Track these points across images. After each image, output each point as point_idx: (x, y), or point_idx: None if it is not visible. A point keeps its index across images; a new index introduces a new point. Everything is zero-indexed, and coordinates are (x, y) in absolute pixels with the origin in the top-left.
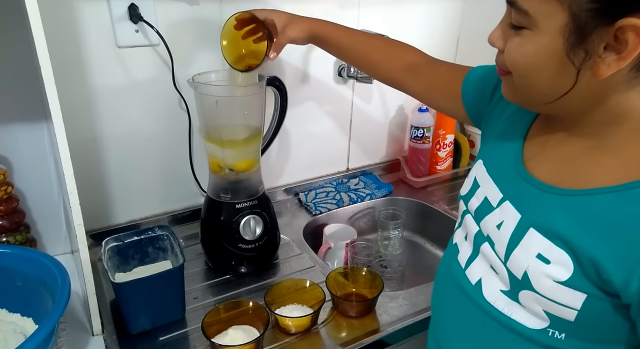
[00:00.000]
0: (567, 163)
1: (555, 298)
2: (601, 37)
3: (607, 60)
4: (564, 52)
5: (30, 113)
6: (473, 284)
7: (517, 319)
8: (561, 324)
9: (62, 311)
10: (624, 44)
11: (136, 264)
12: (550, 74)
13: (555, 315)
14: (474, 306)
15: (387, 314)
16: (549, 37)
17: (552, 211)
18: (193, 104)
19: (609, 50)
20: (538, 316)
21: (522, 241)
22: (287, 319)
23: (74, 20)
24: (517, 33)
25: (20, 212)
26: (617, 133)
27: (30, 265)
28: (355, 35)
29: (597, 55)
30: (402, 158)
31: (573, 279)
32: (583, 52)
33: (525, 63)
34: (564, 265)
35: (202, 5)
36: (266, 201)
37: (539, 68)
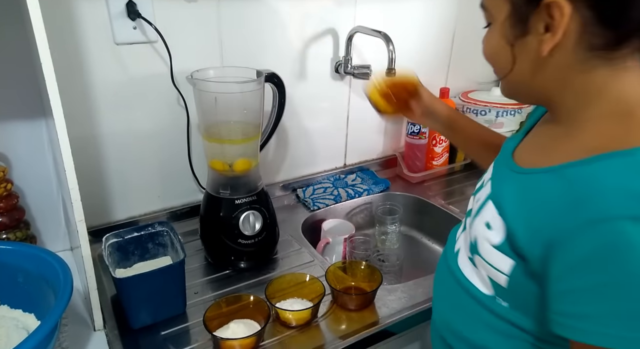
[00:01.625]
0: (539, 149)
1: (491, 261)
2: (539, 18)
3: (545, 37)
4: (512, 37)
5: (29, 110)
6: (454, 253)
7: (476, 284)
8: (502, 292)
9: (64, 306)
10: (554, 21)
11: (136, 260)
12: (510, 60)
13: (494, 280)
14: (449, 273)
15: (386, 307)
16: (501, 27)
17: (505, 185)
18: (191, 100)
19: (550, 29)
20: (485, 282)
21: (481, 211)
22: (287, 312)
23: (72, 17)
24: (488, 29)
25: (20, 209)
26: (585, 118)
27: (31, 261)
28: (464, 118)
29: (539, 36)
30: (399, 154)
31: (503, 245)
32: (521, 33)
33: (491, 53)
34: (498, 231)
35: (200, 2)
36: (265, 197)
37: (499, 56)
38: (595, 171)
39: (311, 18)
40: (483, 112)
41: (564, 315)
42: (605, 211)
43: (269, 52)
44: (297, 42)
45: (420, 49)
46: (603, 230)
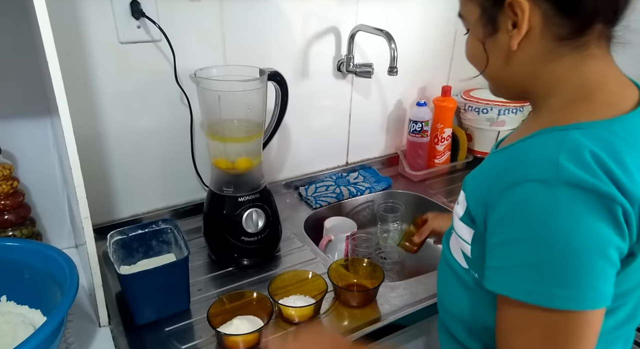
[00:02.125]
0: (513, 136)
1: (458, 231)
2: (506, 17)
3: (512, 33)
4: (489, 37)
5: (34, 109)
6: (449, 232)
7: (456, 258)
8: (470, 262)
9: (71, 302)
10: (519, 17)
11: (140, 257)
12: (487, 59)
13: (463, 251)
14: (443, 257)
15: (388, 304)
16: (475, 30)
17: (479, 167)
18: (195, 99)
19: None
20: (461, 255)
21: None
22: (290, 309)
23: (77, 16)
24: (468, 35)
25: (26, 207)
26: (551, 105)
27: (38, 258)
28: None
29: (508, 33)
30: (401, 152)
31: (464, 215)
32: (491, 31)
33: (470, 55)
34: (462, 205)
35: (203, 1)
36: (268, 195)
37: (477, 57)
38: (528, 143)
39: (313, 17)
40: (485, 110)
41: (487, 268)
42: (522, 175)
43: (272, 51)
44: (299, 41)
45: (422, 47)
46: (516, 191)
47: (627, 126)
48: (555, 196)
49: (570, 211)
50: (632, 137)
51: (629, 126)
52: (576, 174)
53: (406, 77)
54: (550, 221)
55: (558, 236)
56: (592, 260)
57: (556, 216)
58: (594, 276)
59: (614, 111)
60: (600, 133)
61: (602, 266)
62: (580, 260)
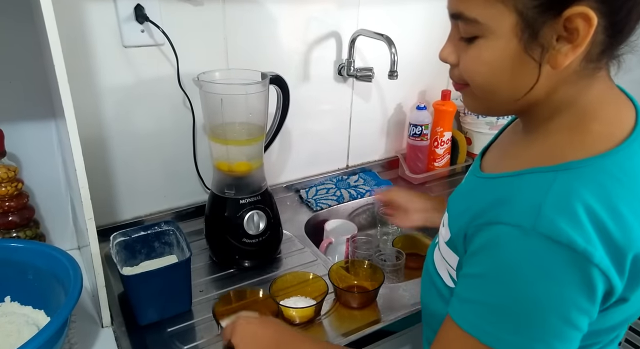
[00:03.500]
0: (501, 156)
1: (445, 256)
2: (552, 29)
3: (563, 50)
4: (520, 50)
5: (39, 112)
6: (433, 247)
7: (442, 276)
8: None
9: (74, 302)
10: (574, 33)
11: (143, 258)
12: (511, 75)
13: (449, 274)
14: (427, 266)
15: (388, 305)
16: (503, 40)
17: (467, 189)
18: (197, 102)
19: (562, 41)
20: (447, 274)
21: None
22: (291, 310)
23: (82, 20)
24: (471, 45)
25: (30, 208)
26: (548, 129)
27: (42, 259)
28: None
29: (552, 48)
30: (401, 155)
31: (449, 241)
32: (539, 47)
33: (486, 71)
34: (446, 229)
35: (206, 6)
36: (269, 197)
37: (499, 72)
38: (517, 183)
39: (315, 21)
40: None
41: (455, 296)
42: (501, 216)
43: (274, 55)
44: (300, 45)
45: (422, 51)
46: (492, 230)
47: (621, 161)
48: (527, 245)
49: (539, 265)
50: (627, 175)
51: (623, 160)
52: (555, 226)
53: (406, 81)
54: (516, 268)
55: (520, 286)
56: (549, 320)
57: (523, 265)
58: (547, 333)
59: (609, 143)
60: (592, 175)
61: (559, 327)
62: (536, 316)
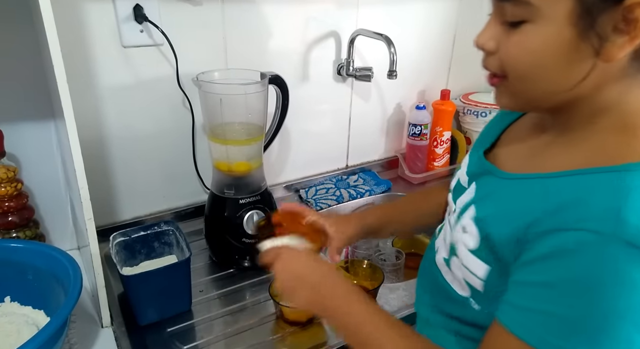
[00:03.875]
0: (530, 154)
1: (468, 265)
2: (609, 18)
3: (618, 42)
4: (574, 39)
5: (38, 112)
6: (435, 252)
7: (452, 286)
8: (477, 295)
9: (74, 302)
10: (632, 24)
11: (143, 258)
12: (559, 65)
13: (470, 284)
14: (430, 272)
15: (388, 305)
16: (555, 26)
17: (490, 190)
18: (196, 102)
19: (618, 32)
20: (462, 284)
21: (463, 215)
22: (291, 309)
23: (81, 21)
24: (516, 30)
25: (29, 209)
26: (592, 130)
27: (41, 259)
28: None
29: (606, 39)
30: (400, 155)
31: (478, 249)
32: (596, 37)
33: (531, 60)
34: (473, 235)
35: (205, 6)
36: (269, 197)
37: (545, 61)
38: (578, 185)
39: (314, 21)
40: (483, 113)
41: (505, 302)
42: (576, 221)
43: (273, 55)
44: (300, 45)
45: (421, 51)
46: (566, 237)
47: None
48: (607, 252)
49: (620, 273)
50: None
51: None
52: (638, 233)
53: (406, 81)
54: (594, 277)
55: (597, 295)
56: (625, 331)
57: (603, 274)
58: (619, 344)
59: None
60: None
61: (633, 337)
62: (612, 327)
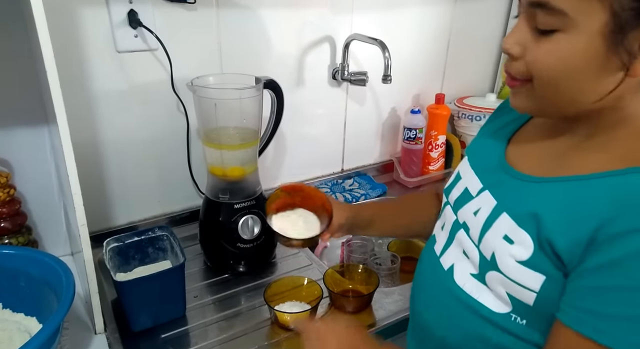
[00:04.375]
0: (552, 157)
1: (517, 278)
2: (638, 36)
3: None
4: (604, 52)
5: (32, 117)
6: (445, 270)
7: (483, 302)
8: (522, 309)
9: (67, 309)
10: None
11: (137, 264)
12: (587, 77)
13: (516, 298)
14: (445, 291)
15: (383, 310)
16: (587, 38)
17: (525, 195)
18: (191, 107)
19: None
20: (502, 299)
21: (494, 224)
22: (286, 315)
23: (75, 25)
24: (547, 38)
25: (22, 214)
26: (613, 134)
27: (34, 265)
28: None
29: (634, 55)
30: (396, 159)
31: (533, 258)
32: (625, 52)
33: (561, 68)
34: (524, 245)
35: (200, 11)
36: (264, 201)
37: (574, 71)
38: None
39: (309, 26)
40: (478, 117)
41: (577, 309)
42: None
43: (268, 59)
44: (295, 50)
45: (416, 55)
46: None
47: None
48: None
49: None
50: None
51: None
52: None
53: (400, 85)
54: None
55: None
56: None
57: None
58: None
59: None
60: None
61: None
62: None
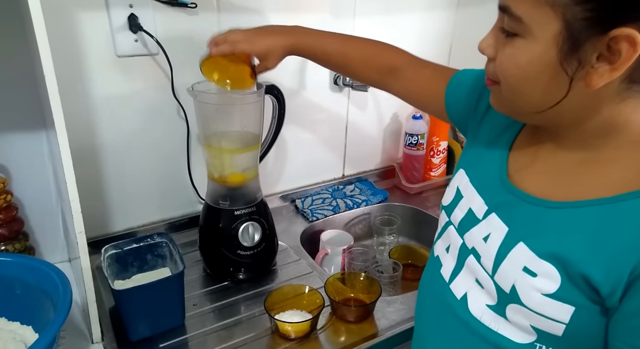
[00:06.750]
0: (558, 176)
1: (544, 311)
2: (594, 46)
3: (600, 70)
4: (557, 61)
5: (30, 122)
6: (458, 299)
7: (504, 334)
8: (549, 339)
9: (64, 319)
10: (617, 54)
11: (135, 271)
12: (542, 84)
13: (543, 330)
14: (458, 321)
15: (385, 319)
16: (542, 46)
17: (541, 224)
18: (191, 112)
19: (602, 60)
20: (525, 330)
21: (509, 254)
22: (286, 324)
23: (75, 30)
24: (510, 42)
25: (19, 221)
26: (610, 145)
27: (30, 273)
28: (333, 41)
29: (589, 65)
30: (397, 165)
31: (561, 291)
32: (576, 62)
33: (518, 73)
34: (550, 277)
35: (201, 15)
36: (264, 208)
37: (531, 78)
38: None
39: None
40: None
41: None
42: None
43: None
44: None
45: None
46: None
47: None
48: None
49: None
50: None
51: None
52: None
53: None
54: None
55: None
56: None
57: None
58: None
59: None
60: None
61: None
62: None
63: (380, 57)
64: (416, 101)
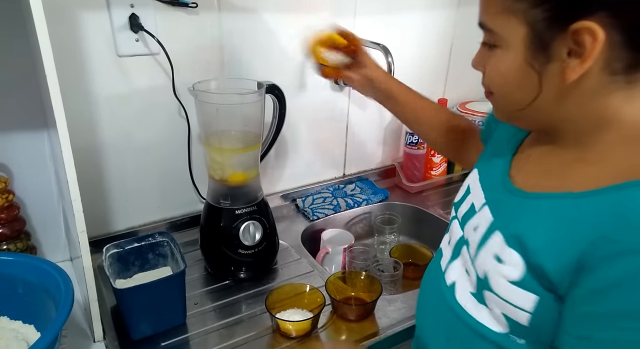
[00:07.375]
0: (547, 173)
1: (510, 299)
2: (562, 43)
3: (572, 64)
4: (531, 62)
5: (31, 122)
6: (448, 286)
7: (483, 322)
8: (519, 330)
9: (65, 317)
10: (582, 47)
11: (136, 270)
12: (522, 87)
13: (511, 319)
14: (448, 308)
15: (386, 317)
16: (515, 51)
17: (517, 213)
18: (192, 112)
19: (573, 55)
20: (499, 319)
21: (487, 242)
22: (287, 323)
23: (76, 30)
24: (492, 54)
25: (20, 220)
26: (600, 142)
27: (32, 272)
28: (412, 94)
29: (561, 61)
30: (398, 164)
31: (524, 279)
32: (544, 58)
33: (501, 81)
34: (515, 265)
35: (202, 15)
36: (265, 207)
37: (510, 83)
38: (627, 199)
39: (311, 30)
40: (481, 122)
41: (576, 336)
42: (633, 243)
43: (270, 64)
44: (297, 54)
45: (418, 60)
46: (627, 261)
47: None
48: None
49: None
50: None
51: None
52: None
53: None
54: None
55: None
56: None
57: None
58: None
59: None
60: None
61: None
62: None
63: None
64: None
